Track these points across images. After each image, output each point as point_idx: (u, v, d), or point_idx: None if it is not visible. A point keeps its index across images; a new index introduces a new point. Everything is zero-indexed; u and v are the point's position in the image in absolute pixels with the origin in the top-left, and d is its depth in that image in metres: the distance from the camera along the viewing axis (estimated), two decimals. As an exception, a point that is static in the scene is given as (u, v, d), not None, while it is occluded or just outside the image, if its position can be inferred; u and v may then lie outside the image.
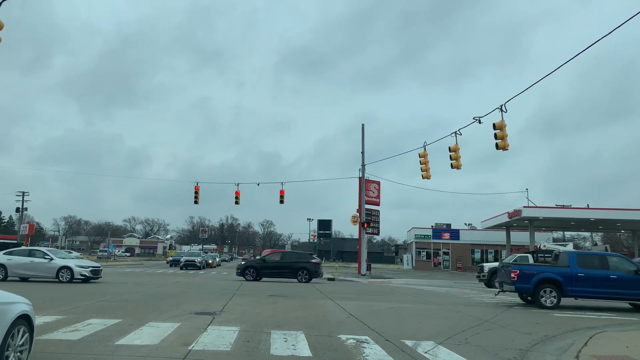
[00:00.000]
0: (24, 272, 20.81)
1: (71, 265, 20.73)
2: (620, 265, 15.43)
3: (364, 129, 38.68)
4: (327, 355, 6.94)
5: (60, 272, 20.54)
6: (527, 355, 7.57)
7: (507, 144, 18.96)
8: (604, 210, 43.38)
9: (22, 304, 5.40)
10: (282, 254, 28.82)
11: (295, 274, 26.05)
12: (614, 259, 15.79)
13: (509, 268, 16.19)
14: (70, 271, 20.54)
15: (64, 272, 20.55)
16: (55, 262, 20.84)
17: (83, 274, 20.73)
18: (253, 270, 26.22)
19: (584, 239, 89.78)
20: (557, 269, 15.52)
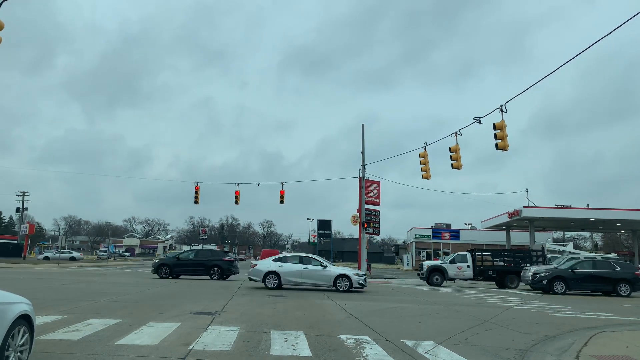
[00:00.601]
0: (297, 280, 20.15)
1: (349, 274, 20.12)
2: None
3: (364, 129, 38.67)
4: (327, 355, 6.94)
5: (337, 281, 19.86)
6: (527, 355, 7.58)
7: (507, 144, 18.95)
8: (603, 210, 43.41)
9: (22, 304, 5.40)
10: (197, 251, 29.09)
11: (208, 272, 26.23)
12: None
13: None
14: (349, 280, 19.87)
15: (342, 281, 19.87)
16: (331, 270, 20.32)
17: (360, 283, 20.13)
18: (166, 267, 26.48)
19: (584, 239, 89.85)
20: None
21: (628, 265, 23.89)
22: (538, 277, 22.66)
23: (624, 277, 22.17)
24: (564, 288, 22.00)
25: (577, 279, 22.15)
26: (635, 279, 22.26)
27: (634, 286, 22.13)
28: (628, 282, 22.10)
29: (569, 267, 22.77)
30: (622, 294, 21.95)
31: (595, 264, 23.23)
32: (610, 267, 22.71)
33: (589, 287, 22.41)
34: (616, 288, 22.07)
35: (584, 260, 24.21)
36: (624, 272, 22.40)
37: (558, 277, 22.22)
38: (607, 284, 22.23)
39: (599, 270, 22.44)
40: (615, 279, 22.13)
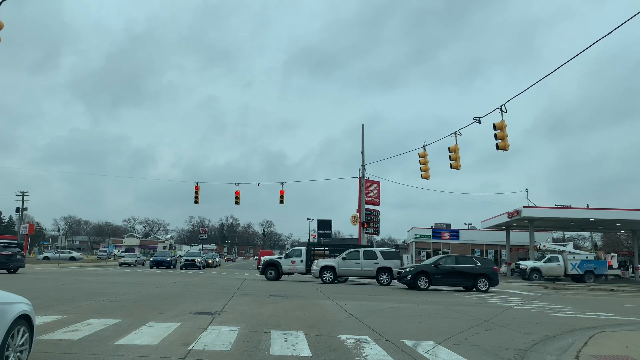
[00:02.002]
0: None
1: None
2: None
3: (363, 130, 38.72)
4: (327, 355, 6.94)
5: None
6: (527, 355, 7.57)
7: (508, 144, 18.94)
8: (603, 210, 43.38)
9: (22, 304, 5.40)
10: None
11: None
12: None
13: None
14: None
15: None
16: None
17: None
18: None
19: (583, 239, 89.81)
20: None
21: (487, 261, 24.77)
22: (403, 272, 23.00)
23: (484, 272, 22.59)
24: (427, 283, 22.12)
25: (440, 274, 22.27)
26: (494, 274, 22.85)
27: (492, 281, 22.68)
28: (487, 277, 22.54)
29: (433, 262, 23.12)
30: (481, 289, 22.28)
31: (458, 259, 23.70)
32: (471, 263, 23.13)
33: (451, 282, 22.66)
34: (476, 283, 22.41)
35: (447, 256, 24.68)
36: (483, 268, 22.86)
37: (422, 273, 22.37)
38: (468, 279, 22.55)
39: (461, 266, 22.72)
40: (476, 274, 22.48)
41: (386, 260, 26.49)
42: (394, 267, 26.01)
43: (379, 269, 26.25)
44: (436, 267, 22.44)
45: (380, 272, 26.21)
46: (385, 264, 26.31)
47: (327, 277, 26.36)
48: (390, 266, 26.23)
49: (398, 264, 26.38)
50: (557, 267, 38.61)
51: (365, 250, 27.36)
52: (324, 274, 26.43)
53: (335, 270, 26.45)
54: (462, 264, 22.95)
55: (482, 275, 22.57)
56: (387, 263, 26.38)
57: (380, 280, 26.03)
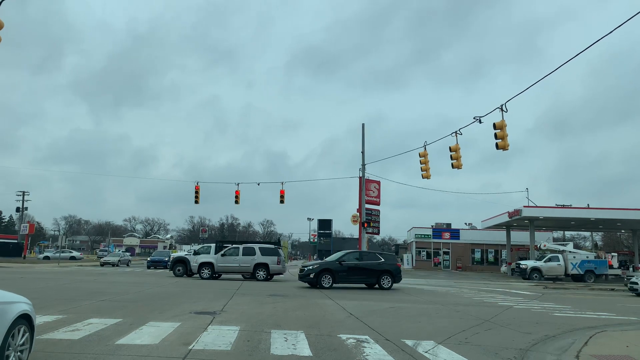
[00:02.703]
0: None
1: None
2: None
3: (364, 129, 38.69)
4: (327, 354, 6.94)
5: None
6: (528, 354, 7.58)
7: (507, 144, 18.91)
8: (604, 210, 43.37)
9: (23, 304, 5.40)
10: None
11: None
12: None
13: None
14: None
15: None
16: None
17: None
18: None
19: (584, 239, 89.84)
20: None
21: (391, 257, 23.89)
22: (306, 270, 21.46)
23: (388, 268, 21.75)
24: (331, 281, 20.98)
25: (343, 272, 21.20)
26: (397, 270, 22.03)
27: (395, 278, 21.84)
28: (390, 274, 21.71)
29: (337, 259, 21.86)
30: (384, 286, 21.49)
31: (362, 255, 22.66)
32: (375, 259, 22.20)
33: (355, 279, 21.66)
34: (379, 280, 21.54)
35: (351, 252, 23.49)
36: (387, 264, 21.98)
37: (326, 270, 21.14)
38: (372, 276, 21.63)
39: (365, 262, 21.77)
40: (380, 270, 21.61)
41: (264, 257, 26.34)
42: (271, 264, 26.16)
43: (256, 265, 26.28)
44: (340, 264, 21.28)
45: (257, 268, 26.23)
46: (263, 260, 26.21)
47: (205, 273, 26.30)
48: (267, 262, 26.28)
49: (275, 260, 26.37)
50: (558, 267, 38.60)
51: (245, 247, 27.32)
52: (202, 271, 26.39)
53: (214, 267, 26.41)
54: (366, 260, 21.98)
55: (386, 272, 21.68)
56: (264, 259, 26.25)
57: (257, 277, 26.05)
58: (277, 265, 26.24)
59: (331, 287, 20.83)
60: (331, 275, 21.03)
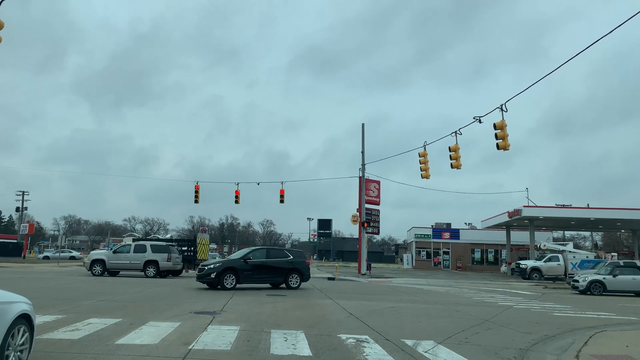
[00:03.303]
0: None
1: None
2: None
3: (364, 129, 38.75)
4: (327, 354, 6.94)
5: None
6: (527, 354, 7.58)
7: (508, 144, 18.94)
8: (604, 210, 43.38)
9: (22, 304, 5.40)
10: None
11: None
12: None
13: None
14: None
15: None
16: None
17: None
18: None
19: (584, 239, 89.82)
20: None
21: (299, 254, 22.19)
22: (206, 269, 18.87)
23: (296, 267, 20.30)
24: (234, 281, 18.78)
25: (248, 270, 19.19)
26: (306, 268, 20.74)
27: (304, 276, 20.48)
28: (299, 272, 20.26)
29: (242, 256, 19.90)
30: (292, 285, 19.96)
31: (269, 252, 21.14)
32: (283, 256, 20.72)
33: (262, 278, 19.83)
34: (287, 279, 20.02)
35: (257, 248, 22.19)
36: (296, 262, 20.50)
37: (229, 269, 18.88)
38: (280, 274, 20.01)
39: (273, 260, 20.06)
40: (288, 269, 20.13)
41: (154, 254, 26.50)
42: (161, 261, 26.39)
43: (146, 262, 26.42)
44: (245, 262, 19.28)
45: (147, 265, 26.37)
46: (153, 257, 26.34)
47: (97, 270, 26.33)
48: (157, 259, 26.46)
49: (165, 257, 26.56)
50: (558, 267, 38.61)
51: (136, 244, 27.73)
52: (94, 267, 26.42)
53: (105, 264, 26.51)
54: (274, 257, 20.35)
55: (294, 270, 20.20)
56: (154, 256, 26.38)
57: (147, 274, 26.17)
58: (167, 262, 26.37)
59: (234, 287, 18.72)
60: (235, 275, 18.92)
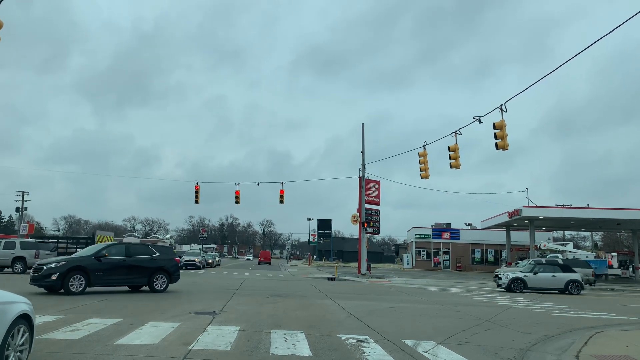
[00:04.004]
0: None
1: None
2: None
3: (364, 129, 38.80)
4: (327, 354, 6.94)
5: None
6: (527, 354, 7.58)
7: (507, 144, 18.95)
8: (603, 210, 43.36)
9: (22, 304, 5.40)
10: None
11: None
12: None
13: None
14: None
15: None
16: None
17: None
18: None
19: (584, 239, 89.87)
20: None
21: (167, 250, 18.99)
22: (45, 269, 14.91)
23: (162, 265, 17.24)
24: (84, 284, 15.13)
25: (102, 270, 15.82)
26: (174, 267, 17.80)
27: (172, 277, 17.41)
28: (166, 272, 17.16)
29: (93, 253, 16.33)
30: (158, 287, 16.81)
31: (129, 248, 17.81)
32: (147, 252, 17.40)
33: (120, 279, 16.55)
34: (152, 280, 16.81)
35: (113, 244, 19.15)
36: (162, 259, 17.37)
37: (76, 269, 15.19)
38: (142, 274, 16.74)
39: (133, 257, 16.84)
40: (153, 268, 16.95)
41: (22, 250, 26.91)
42: (28, 257, 26.64)
43: (14, 258, 26.68)
44: (98, 261, 15.89)
45: (15, 261, 26.61)
46: (20, 254, 26.71)
47: None
48: (25, 255, 26.77)
49: (33, 254, 26.72)
50: (557, 267, 38.60)
51: (7, 241, 28.01)
52: None
53: None
54: (135, 254, 17.14)
55: (160, 270, 17.12)
56: (22, 253, 26.77)
57: (15, 270, 26.32)
58: (33, 259, 26.25)
59: (83, 291, 15.05)
60: (84, 276, 15.29)
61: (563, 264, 25.08)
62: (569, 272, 23.59)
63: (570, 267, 24.83)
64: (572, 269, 24.36)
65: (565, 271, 23.66)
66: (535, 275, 23.30)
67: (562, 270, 23.70)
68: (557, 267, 24.20)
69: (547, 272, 23.50)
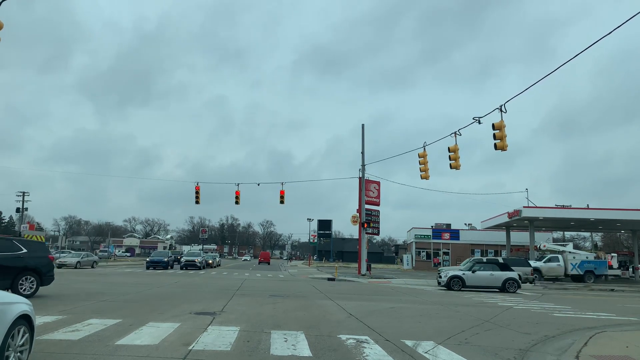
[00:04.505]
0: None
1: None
2: None
3: (364, 129, 38.80)
4: (327, 355, 6.94)
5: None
6: (527, 355, 7.58)
7: (506, 145, 18.98)
8: (603, 210, 43.36)
9: (22, 304, 5.40)
10: None
11: None
12: None
13: None
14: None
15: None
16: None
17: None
18: None
19: (584, 239, 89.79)
20: None
21: (38, 246, 15.55)
22: None
23: (31, 265, 14.20)
24: None
25: None
26: (47, 267, 14.87)
27: (44, 278, 14.59)
28: (35, 272, 14.26)
29: None
30: (24, 291, 13.69)
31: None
32: (10, 249, 14.05)
33: None
34: (16, 282, 13.73)
35: None
36: (30, 257, 14.31)
37: None
38: (4, 275, 13.42)
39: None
40: (18, 268, 13.83)
41: None
42: None
43: None
44: None
45: None
46: None
47: None
48: None
49: None
50: (557, 267, 38.59)
51: None
52: None
53: None
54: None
55: (29, 270, 14.11)
56: None
57: None
58: None
59: None
60: None
61: (502, 263, 25.05)
62: (507, 271, 23.66)
63: (509, 265, 24.97)
64: (510, 267, 24.53)
65: (503, 270, 23.69)
66: (474, 273, 23.27)
67: (500, 269, 23.70)
68: (495, 265, 24.18)
69: (485, 271, 23.50)
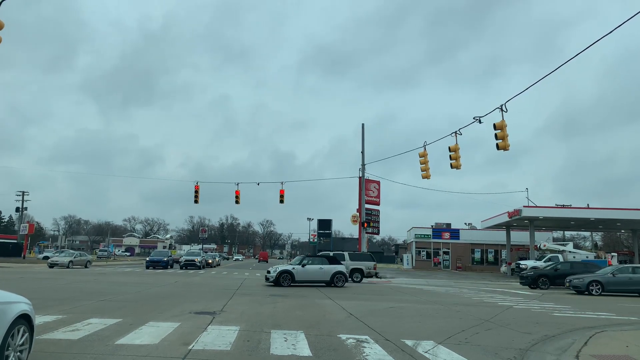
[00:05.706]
0: None
1: None
2: None
3: (364, 129, 38.77)
4: (327, 354, 6.94)
5: None
6: (527, 354, 7.57)
7: (508, 144, 18.94)
8: (604, 210, 43.40)
9: (22, 304, 5.40)
10: None
11: None
12: None
13: None
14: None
15: None
16: None
17: None
18: None
19: (584, 239, 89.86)
20: None
21: None
22: None
23: None
24: None
25: None
26: None
27: None
28: None
29: None
30: None
31: None
32: None
33: None
34: None
35: None
36: None
37: None
38: None
39: None
40: None
41: None
42: None
43: None
44: None
45: None
46: None
47: None
48: None
49: None
50: (557, 267, 38.58)
51: None
52: None
53: None
54: None
55: None
56: None
57: None
58: None
59: None
60: None
61: (331, 257, 24.47)
62: (336, 265, 23.31)
63: (337, 259, 24.56)
64: (339, 261, 24.20)
65: (332, 263, 23.31)
66: (304, 267, 22.77)
67: (329, 263, 23.31)
68: (324, 259, 23.76)
69: (315, 265, 23.07)
